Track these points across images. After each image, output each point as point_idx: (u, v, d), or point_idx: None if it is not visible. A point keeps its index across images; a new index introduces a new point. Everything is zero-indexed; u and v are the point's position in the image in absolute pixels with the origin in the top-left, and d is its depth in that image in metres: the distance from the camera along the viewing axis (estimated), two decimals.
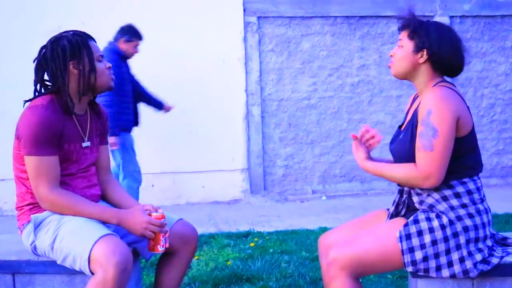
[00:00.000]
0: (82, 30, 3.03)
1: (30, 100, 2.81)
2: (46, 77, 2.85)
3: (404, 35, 2.65)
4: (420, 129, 2.49)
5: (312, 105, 7.40)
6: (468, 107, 2.57)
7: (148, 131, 6.99)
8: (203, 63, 7.10)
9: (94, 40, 2.91)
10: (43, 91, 2.85)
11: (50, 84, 2.84)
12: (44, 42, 2.90)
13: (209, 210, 6.80)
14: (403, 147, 2.60)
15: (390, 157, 2.79)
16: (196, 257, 4.65)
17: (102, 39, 6.85)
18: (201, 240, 5.24)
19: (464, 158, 2.53)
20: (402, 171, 2.56)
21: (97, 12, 6.90)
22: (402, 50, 2.63)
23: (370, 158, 2.74)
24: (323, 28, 7.37)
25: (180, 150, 7.09)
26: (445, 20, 7.47)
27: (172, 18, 7.02)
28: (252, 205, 7.09)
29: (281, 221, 6.12)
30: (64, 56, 2.76)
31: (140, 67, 6.94)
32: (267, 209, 6.81)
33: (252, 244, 5.05)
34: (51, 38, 2.85)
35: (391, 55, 2.69)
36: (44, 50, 2.83)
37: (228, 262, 4.50)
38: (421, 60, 2.60)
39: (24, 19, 6.58)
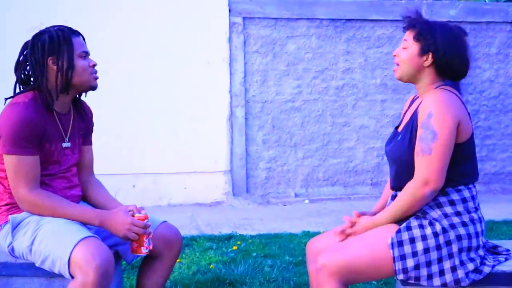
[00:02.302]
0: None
1: (11, 97, 2.72)
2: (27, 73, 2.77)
3: (409, 35, 2.58)
4: (419, 132, 2.43)
5: (296, 107, 7.34)
6: (468, 113, 2.51)
7: (129, 130, 6.89)
8: (187, 63, 7.00)
9: (81, 36, 2.83)
10: (24, 87, 2.77)
11: (31, 80, 2.75)
12: (25, 39, 2.81)
13: (190, 212, 6.70)
14: (401, 149, 2.53)
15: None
16: (178, 260, 4.56)
17: (86, 36, 6.76)
18: (183, 243, 5.13)
19: (461, 165, 2.47)
20: (403, 195, 2.47)
21: (80, 9, 6.78)
22: (407, 52, 2.56)
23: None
24: (308, 30, 7.31)
25: (162, 150, 6.99)
26: None
27: (156, 18, 6.92)
28: (235, 208, 7.01)
29: (264, 225, 6.05)
30: (43, 51, 2.69)
31: (123, 66, 6.86)
32: (249, 212, 6.74)
33: (234, 248, 4.97)
34: (35, 33, 2.77)
35: (395, 55, 2.62)
36: (26, 45, 2.75)
37: (211, 266, 4.42)
38: (426, 64, 2.54)
39: (5, 15, 6.45)
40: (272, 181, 7.38)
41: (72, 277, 2.44)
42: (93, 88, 2.84)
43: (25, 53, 2.75)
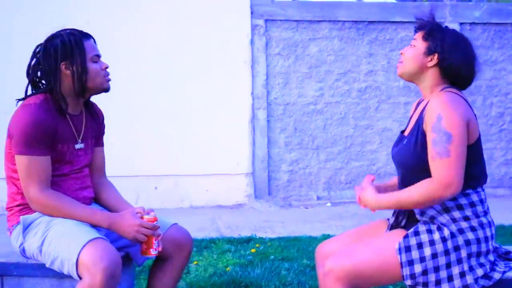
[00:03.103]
0: (86, 28, 2.96)
1: (23, 98, 2.75)
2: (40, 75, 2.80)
3: (419, 35, 2.57)
4: (432, 136, 2.37)
5: (319, 110, 7.32)
6: (475, 115, 2.48)
7: (152, 133, 6.93)
8: (209, 65, 7.02)
9: (93, 39, 2.84)
10: (36, 90, 2.79)
11: (44, 83, 2.78)
12: None
13: (212, 214, 6.71)
14: (407, 152, 2.50)
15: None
16: (195, 262, 4.57)
17: (107, 38, 6.81)
18: (202, 245, 5.16)
19: (469, 168, 2.43)
20: (419, 189, 2.38)
21: (102, 11, 6.84)
22: (413, 49, 2.55)
23: (381, 191, 2.60)
24: (331, 33, 7.29)
25: (183, 152, 7.02)
26: (455, 26, 7.36)
27: (179, 20, 6.95)
28: (256, 210, 7.00)
29: (284, 227, 6.03)
30: (55, 56, 2.71)
31: (144, 68, 6.90)
32: (270, 215, 6.73)
33: (253, 250, 4.96)
34: (47, 37, 2.79)
35: (401, 53, 2.60)
36: (38, 49, 2.78)
37: (228, 268, 4.41)
38: (430, 64, 2.52)
39: (28, 17, 6.53)
40: (294, 184, 7.36)
41: (80, 278, 2.46)
42: (106, 90, 2.86)
43: (37, 56, 2.77)
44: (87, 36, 2.82)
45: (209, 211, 6.91)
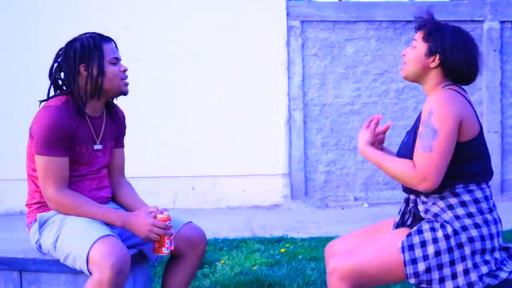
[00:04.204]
0: (126, 34, 3.03)
1: (45, 100, 2.84)
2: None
3: (419, 36, 2.57)
4: (420, 129, 2.41)
5: (356, 110, 7.29)
6: (475, 111, 2.47)
7: (190, 134, 7.02)
8: (245, 67, 7.07)
9: (113, 43, 2.90)
10: (58, 92, 2.88)
11: (64, 85, 2.86)
12: None
13: (248, 214, 6.76)
14: (406, 150, 2.52)
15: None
16: (222, 261, 4.63)
17: (145, 42, 6.95)
18: (232, 245, 5.22)
19: (469, 164, 2.43)
20: (399, 166, 2.45)
21: (141, 15, 6.96)
22: (415, 51, 2.55)
23: (377, 146, 2.64)
24: (367, 33, 7.25)
25: (220, 153, 7.08)
26: (495, 25, 7.25)
27: (215, 22, 7.02)
28: (292, 211, 7.02)
29: (318, 228, 6.04)
30: (74, 58, 2.78)
31: (182, 70, 6.99)
32: (306, 215, 6.74)
33: (282, 250, 4.98)
34: (69, 40, 2.87)
35: (403, 54, 2.61)
36: (60, 52, 2.86)
37: (254, 267, 4.45)
38: (432, 65, 2.51)
39: (68, 21, 6.67)
40: (331, 185, 7.35)
41: (91, 274, 2.53)
42: (124, 93, 2.90)
43: (59, 59, 2.86)
44: (107, 39, 2.88)
45: (246, 211, 6.96)
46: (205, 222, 6.14)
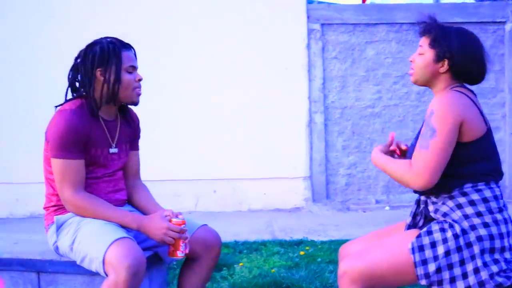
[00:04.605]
0: (150, 39, 3.03)
1: (61, 104, 2.89)
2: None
3: (425, 42, 2.58)
4: (422, 130, 2.47)
5: (376, 113, 7.28)
6: (481, 112, 2.48)
7: (211, 137, 7.06)
8: (266, 70, 7.10)
9: (133, 50, 2.92)
10: (74, 94, 2.93)
11: (80, 88, 2.91)
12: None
13: (269, 217, 6.78)
14: (412, 151, 2.54)
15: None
16: (241, 264, 4.66)
17: (165, 46, 7.01)
18: (252, 247, 5.24)
19: (476, 164, 2.45)
20: (396, 165, 2.53)
21: (160, 19, 7.02)
22: (423, 58, 2.57)
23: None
24: (388, 35, 7.24)
25: (241, 156, 7.11)
26: None
27: (235, 26, 7.06)
28: (313, 214, 7.02)
29: (338, 231, 6.04)
30: (92, 62, 2.82)
31: (202, 73, 7.04)
32: (327, 218, 6.73)
33: (302, 253, 5.00)
34: (89, 43, 2.90)
35: (411, 61, 2.63)
36: (80, 53, 2.90)
37: (273, 270, 4.47)
38: (442, 70, 2.54)
39: (91, 26, 6.74)
40: (352, 187, 7.34)
41: (107, 275, 2.57)
42: (135, 103, 2.93)
43: (77, 61, 2.90)
44: (127, 46, 2.90)
45: (267, 214, 6.97)
46: (226, 225, 6.24)
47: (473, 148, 2.44)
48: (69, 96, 2.95)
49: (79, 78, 2.90)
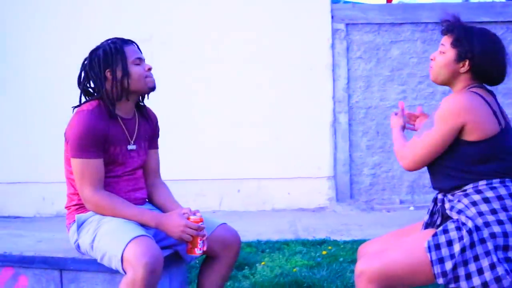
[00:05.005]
0: (172, 38, 3.04)
1: (78, 106, 2.94)
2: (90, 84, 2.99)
3: (447, 41, 2.59)
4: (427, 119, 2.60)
5: None
6: (494, 113, 2.48)
7: (236, 137, 7.09)
8: (290, 70, 7.11)
9: (135, 44, 3.00)
10: (88, 98, 2.99)
11: (94, 91, 2.97)
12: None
13: (292, 217, 6.79)
14: None
15: None
16: (263, 263, 4.68)
17: (191, 46, 7.06)
18: (275, 247, 5.26)
19: (490, 162, 2.49)
20: (397, 143, 2.74)
21: (186, 21, 7.07)
22: (444, 57, 2.57)
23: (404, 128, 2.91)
24: (413, 35, 7.21)
25: (265, 156, 7.13)
26: None
27: (259, 25, 7.08)
28: (337, 213, 7.02)
29: (362, 231, 6.03)
30: (99, 65, 2.89)
31: (226, 73, 7.07)
32: (351, 218, 6.73)
33: (324, 252, 5.00)
34: (92, 49, 2.98)
35: (432, 59, 2.63)
36: (85, 62, 2.97)
37: (294, 269, 4.49)
38: (462, 70, 2.55)
39: (116, 28, 6.80)
40: (376, 187, 7.32)
41: (126, 273, 2.61)
42: (151, 89, 3.00)
43: (85, 68, 2.97)
44: (128, 42, 2.99)
45: (290, 214, 6.99)
46: (250, 224, 6.27)
47: (485, 147, 2.47)
48: (83, 100, 3.01)
49: (91, 83, 2.96)
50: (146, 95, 3.07)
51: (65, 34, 7.01)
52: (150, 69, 2.97)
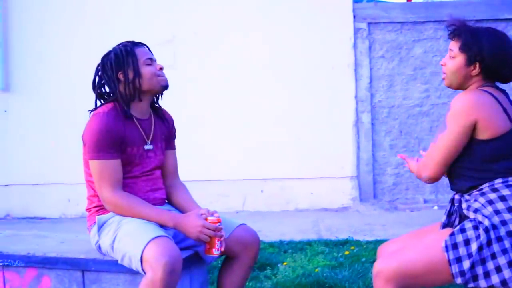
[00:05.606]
0: (195, 39, 3.01)
1: (94, 109, 2.99)
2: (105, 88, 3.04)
3: (455, 45, 2.60)
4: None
5: (425, 112, 7.21)
6: (504, 110, 2.49)
7: (259, 137, 7.10)
8: (312, 69, 7.10)
9: (145, 46, 3.05)
10: (103, 101, 3.04)
11: (109, 94, 3.01)
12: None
13: (315, 217, 6.78)
14: None
15: None
16: (285, 263, 4.68)
17: (213, 46, 7.09)
18: (297, 247, 5.26)
19: (505, 160, 2.50)
20: (413, 164, 2.70)
21: (208, 21, 7.10)
22: (454, 62, 2.59)
23: None
24: (436, 33, 7.16)
25: (288, 156, 7.13)
26: None
27: (281, 25, 7.09)
28: (360, 213, 7.00)
29: (385, 230, 6.00)
30: (112, 68, 2.94)
31: (248, 74, 7.09)
32: (374, 218, 6.70)
33: (346, 253, 4.99)
34: (104, 54, 3.03)
35: (442, 64, 2.64)
36: (98, 66, 3.01)
37: (316, 270, 4.49)
38: (474, 73, 2.58)
39: (139, 30, 6.86)
40: (400, 187, 7.29)
41: (145, 273, 2.64)
42: (164, 87, 3.03)
43: (98, 73, 3.01)
44: (139, 44, 3.04)
45: (314, 214, 6.98)
46: (273, 224, 6.28)
47: (497, 144, 2.48)
48: (98, 104, 3.06)
49: (105, 87, 3.01)
50: (160, 95, 3.10)
51: (89, 37, 7.06)
52: (161, 68, 3.02)
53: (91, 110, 3.02)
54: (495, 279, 2.37)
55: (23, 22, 7.17)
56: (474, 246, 2.38)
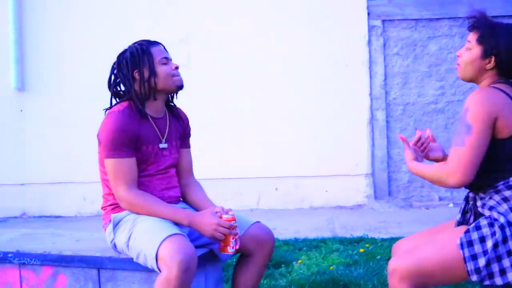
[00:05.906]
0: (208, 38, 3.03)
1: (109, 107, 3.00)
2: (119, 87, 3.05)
3: (473, 37, 2.58)
4: (457, 126, 2.50)
5: (440, 109, 7.18)
6: None
7: (273, 135, 7.10)
8: (327, 67, 7.10)
9: (160, 45, 3.06)
10: (118, 99, 3.05)
11: (124, 93, 3.02)
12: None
13: (330, 214, 6.78)
14: None
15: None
16: (299, 261, 4.69)
17: (226, 45, 7.10)
18: (312, 244, 5.26)
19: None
20: (434, 169, 2.55)
21: (222, 19, 7.11)
22: (470, 53, 2.57)
23: (419, 160, 2.72)
24: (451, 30, 7.13)
25: (303, 154, 7.13)
26: None
27: (295, 23, 7.09)
28: (375, 211, 6.99)
29: (400, 228, 5.99)
30: (127, 67, 2.95)
31: (262, 72, 7.09)
32: (389, 215, 6.69)
33: (361, 250, 4.99)
34: (119, 53, 3.04)
35: (458, 55, 2.62)
36: (113, 65, 3.02)
37: (331, 267, 4.48)
38: (488, 67, 2.55)
39: (154, 29, 6.87)
40: (415, 184, 7.26)
41: (160, 271, 2.65)
42: (179, 87, 3.04)
43: (114, 71, 3.03)
44: (155, 43, 3.05)
45: (328, 211, 6.97)
46: (287, 222, 6.29)
47: (506, 144, 2.46)
48: (114, 102, 3.08)
49: (120, 86, 3.02)
50: (175, 94, 3.11)
51: (103, 36, 7.09)
52: (177, 67, 3.02)
53: (107, 109, 3.03)
54: (511, 276, 2.36)
55: (38, 22, 7.21)
56: (489, 243, 2.38)
